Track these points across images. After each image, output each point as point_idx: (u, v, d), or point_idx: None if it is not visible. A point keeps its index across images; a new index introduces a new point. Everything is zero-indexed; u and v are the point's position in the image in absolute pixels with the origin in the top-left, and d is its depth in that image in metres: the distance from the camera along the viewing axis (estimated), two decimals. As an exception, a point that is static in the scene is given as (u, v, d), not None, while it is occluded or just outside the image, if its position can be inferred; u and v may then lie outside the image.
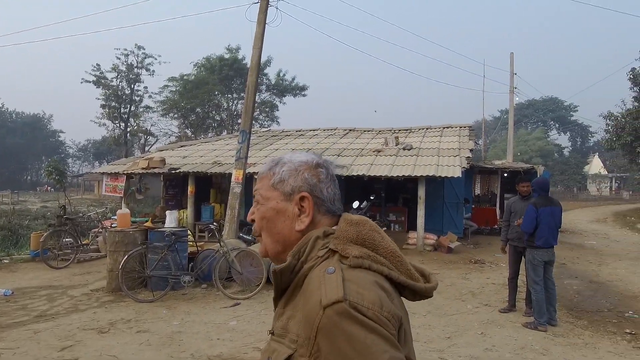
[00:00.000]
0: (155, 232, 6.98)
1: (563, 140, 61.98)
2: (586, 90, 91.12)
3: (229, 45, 30.93)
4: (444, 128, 14.50)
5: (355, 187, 13.12)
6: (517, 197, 6.03)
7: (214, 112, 31.90)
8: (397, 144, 12.71)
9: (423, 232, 10.42)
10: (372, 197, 11.25)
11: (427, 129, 14.77)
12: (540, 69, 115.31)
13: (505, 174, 14.47)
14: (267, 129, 18.61)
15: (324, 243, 0.92)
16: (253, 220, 1.04)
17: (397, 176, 10.31)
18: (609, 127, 30.04)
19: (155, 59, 31.73)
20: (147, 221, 10.25)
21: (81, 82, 30.65)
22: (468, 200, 12.94)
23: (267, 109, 32.11)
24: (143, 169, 12.32)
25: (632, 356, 4.45)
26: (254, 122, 32.57)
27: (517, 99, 20.83)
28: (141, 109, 32.58)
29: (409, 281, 0.93)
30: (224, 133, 27.96)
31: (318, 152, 12.82)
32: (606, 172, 48.97)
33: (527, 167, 13.95)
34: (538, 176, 13.55)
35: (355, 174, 10.71)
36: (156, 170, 12.40)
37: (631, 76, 27.80)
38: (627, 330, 5.20)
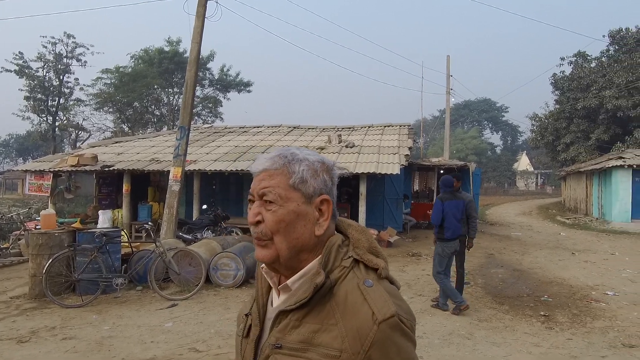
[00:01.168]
0: (84, 234, 6.59)
1: (495, 139, 66.24)
2: (515, 92, 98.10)
3: (169, 38, 29.77)
4: (385, 127, 14.97)
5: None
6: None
7: (153, 107, 30.54)
8: (340, 142, 12.94)
9: (364, 228, 10.71)
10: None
11: (369, 127, 15.17)
12: (475, 71, 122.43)
13: (442, 171, 15.23)
14: (209, 125, 18.15)
15: (345, 252, 0.92)
16: (258, 222, 0.92)
17: (340, 173, 10.48)
18: (534, 128, 32.65)
19: (88, 48, 29.83)
20: (75, 222, 9.62)
21: (0, 71, 28.08)
22: (407, 196, 13.49)
23: (210, 105, 31.28)
24: (72, 166, 11.54)
25: (544, 335, 4.91)
26: (196, 118, 31.71)
27: (453, 99, 21.98)
28: (71, 102, 30.44)
29: (393, 279, 0.97)
30: (164, 129, 26.87)
31: (262, 149, 12.73)
32: (532, 169, 53.06)
33: (461, 164, 14.78)
34: (470, 172, 14.43)
35: (298, 171, 10.75)
36: (87, 168, 11.67)
37: (552, 81, 30.36)
38: (542, 313, 5.71)
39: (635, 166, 16.68)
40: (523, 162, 55.08)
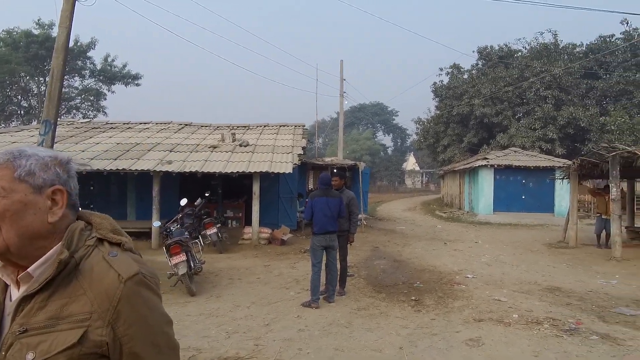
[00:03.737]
0: None
1: (387, 140, 71.26)
2: (404, 97, 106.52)
3: (39, 20, 26.20)
4: (280, 126, 15.12)
5: (190, 184, 12.67)
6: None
7: (19, 97, 26.64)
8: (233, 140, 12.73)
9: (258, 227, 10.70)
10: (207, 194, 11.04)
11: (264, 126, 15.18)
12: (368, 76, 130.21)
13: (335, 170, 15.90)
14: (87, 120, 16.43)
15: (89, 234, 1.02)
16: None
17: (232, 172, 10.33)
18: (419, 131, 35.93)
19: None
20: None
21: None
22: (302, 194, 13.79)
23: (91, 98, 28.33)
24: None
25: (412, 317, 5.43)
26: (74, 111, 28.48)
27: (346, 102, 23.08)
28: None
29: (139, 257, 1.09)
30: (34, 122, 23.62)
31: (148, 146, 11.93)
32: (418, 168, 58.18)
33: (351, 163, 15.60)
34: (360, 171, 15.29)
35: (188, 170, 10.33)
36: None
37: (433, 89, 33.66)
38: (413, 298, 6.31)
39: (496, 166, 19.31)
40: (411, 162, 60.11)
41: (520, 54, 30.82)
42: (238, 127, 15.11)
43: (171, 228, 7.36)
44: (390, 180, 54.77)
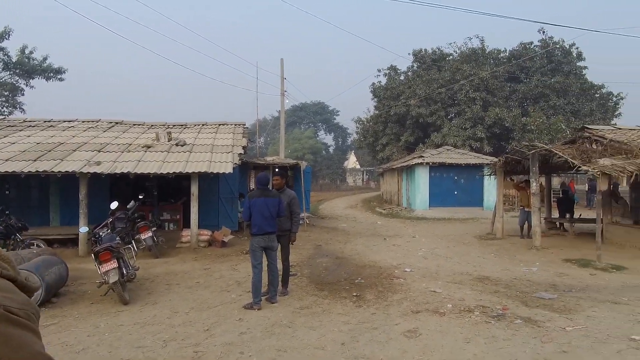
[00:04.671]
0: None
1: (329, 139, 72.16)
2: (345, 97, 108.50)
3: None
4: (219, 125, 14.71)
5: (122, 186, 11.97)
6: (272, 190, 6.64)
7: None
8: (169, 140, 12.19)
9: (197, 229, 10.34)
10: (141, 197, 10.47)
11: (202, 125, 14.68)
12: (309, 75, 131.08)
13: (277, 169, 15.79)
14: (2, 118, 14.90)
15: None
16: None
17: (168, 173, 9.88)
18: (358, 130, 36.76)
19: None
20: None
21: None
22: (243, 194, 13.54)
23: (6, 93, 25.73)
24: None
25: (354, 313, 5.53)
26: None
27: (287, 101, 23.00)
28: None
29: (25, 282, 0.93)
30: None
31: (73, 146, 11.06)
32: (359, 167, 59.55)
33: (293, 162, 15.59)
34: (302, 170, 15.32)
35: (119, 172, 9.72)
36: None
37: (372, 89, 34.60)
38: (354, 294, 6.42)
39: (431, 163, 20.28)
40: (352, 161, 61.33)
41: (451, 57, 32.62)
42: (174, 125, 14.48)
43: (100, 233, 6.88)
44: (332, 179, 55.57)
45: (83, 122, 13.82)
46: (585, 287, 6.95)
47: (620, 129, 12.05)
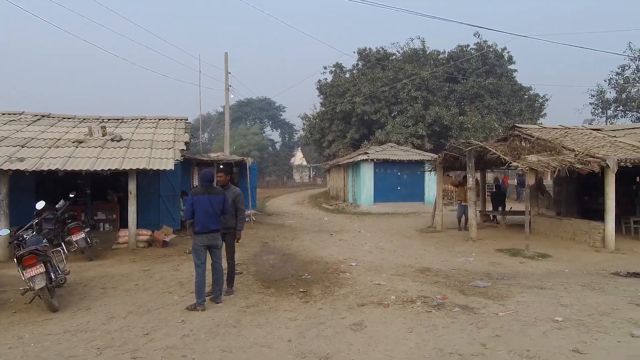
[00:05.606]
0: None
1: (275, 135, 71.64)
2: (291, 93, 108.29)
3: None
4: (159, 120, 14.05)
5: (50, 184, 11.08)
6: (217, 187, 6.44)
7: None
8: (104, 135, 11.44)
9: (135, 229, 9.81)
10: (71, 195, 9.74)
11: (141, 119, 13.95)
12: (254, 70, 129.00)
13: (221, 166, 15.38)
14: None
15: None
16: None
17: (102, 170, 9.27)
18: (305, 126, 36.81)
19: None
20: None
21: None
22: (186, 192, 13.05)
23: None
24: None
25: (301, 309, 5.52)
26: None
27: (232, 96, 22.50)
28: None
29: None
30: None
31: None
32: (306, 163, 59.76)
33: (239, 158, 15.29)
34: (247, 167, 15.07)
35: (46, 169, 8.97)
36: None
37: (318, 86, 34.77)
38: (301, 290, 6.42)
39: (375, 160, 20.79)
40: (298, 157, 61.44)
41: (394, 57, 33.58)
42: (109, 119, 13.63)
43: (25, 236, 6.31)
44: (279, 175, 55.29)
45: (3, 114, 12.59)
46: (515, 274, 7.47)
47: (545, 127, 13.09)
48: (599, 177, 9.93)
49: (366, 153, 21.95)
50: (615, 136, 11.82)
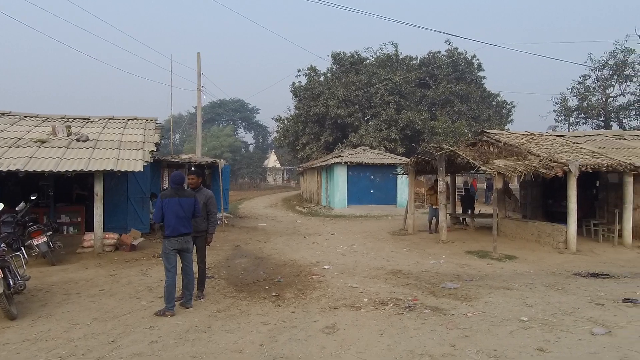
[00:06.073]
0: None
1: (249, 137, 71.05)
2: (265, 96, 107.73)
3: None
4: (128, 120, 13.65)
5: (10, 186, 10.57)
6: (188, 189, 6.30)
7: None
8: (69, 134, 11.01)
9: (102, 232, 9.47)
10: (33, 197, 9.32)
11: (109, 119, 13.51)
12: (228, 71, 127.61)
13: (193, 168, 15.11)
14: None
15: None
16: None
17: (67, 171, 8.91)
18: (279, 129, 36.67)
19: None
20: None
21: None
22: (155, 194, 12.73)
23: None
24: None
25: (273, 313, 5.47)
26: None
27: (205, 97, 22.15)
28: None
29: None
30: None
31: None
32: (280, 166, 59.50)
33: (211, 160, 15.04)
34: (220, 169, 14.86)
35: (5, 169, 8.54)
36: None
37: (292, 89, 34.70)
38: (274, 293, 6.36)
39: (349, 163, 20.93)
40: (272, 160, 61.08)
41: (368, 61, 33.97)
42: (75, 119, 13.14)
43: (-20, 240, 5.98)
44: (252, 178, 54.82)
45: (-41, 111, 11.92)
46: (483, 275, 7.66)
47: (512, 133, 13.52)
48: (562, 181, 10.35)
49: (340, 156, 22.06)
50: (577, 142, 12.36)
